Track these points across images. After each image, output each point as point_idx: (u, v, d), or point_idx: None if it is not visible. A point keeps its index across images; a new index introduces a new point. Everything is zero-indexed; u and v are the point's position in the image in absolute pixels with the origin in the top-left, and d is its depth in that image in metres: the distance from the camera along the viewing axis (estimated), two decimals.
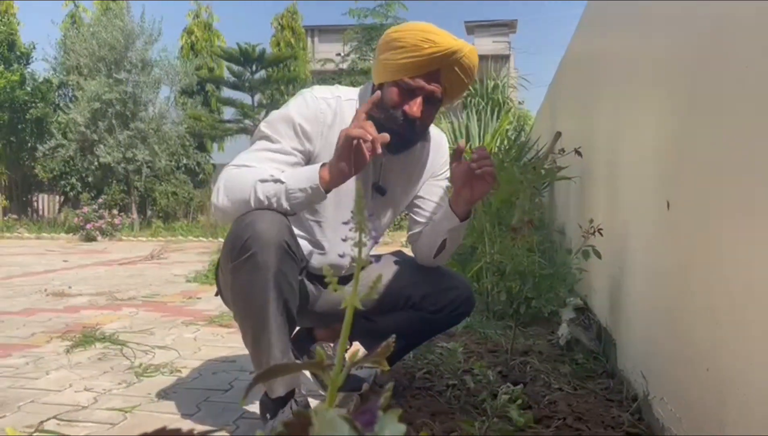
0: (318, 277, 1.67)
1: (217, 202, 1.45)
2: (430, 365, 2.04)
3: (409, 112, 1.48)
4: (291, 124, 1.51)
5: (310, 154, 1.54)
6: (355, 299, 0.40)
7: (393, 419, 0.34)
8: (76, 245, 9.28)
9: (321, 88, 1.61)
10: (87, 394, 1.88)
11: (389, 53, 1.49)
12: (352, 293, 0.41)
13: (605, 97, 2.52)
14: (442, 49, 1.45)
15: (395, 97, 1.49)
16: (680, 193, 1.38)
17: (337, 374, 0.44)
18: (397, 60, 1.47)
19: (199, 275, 4.93)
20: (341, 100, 1.58)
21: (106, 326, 2.92)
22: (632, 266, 1.85)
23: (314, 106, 1.54)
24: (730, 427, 1.04)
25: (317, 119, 1.53)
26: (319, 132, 1.53)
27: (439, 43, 1.45)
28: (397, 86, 1.49)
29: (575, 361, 2.16)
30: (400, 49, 1.47)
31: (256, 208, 1.40)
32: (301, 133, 1.51)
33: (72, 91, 13.05)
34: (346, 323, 0.44)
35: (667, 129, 1.52)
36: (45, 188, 13.81)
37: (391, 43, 1.50)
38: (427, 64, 1.46)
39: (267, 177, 1.39)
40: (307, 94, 1.56)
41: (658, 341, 1.53)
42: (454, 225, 1.59)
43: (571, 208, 3.48)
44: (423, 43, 1.45)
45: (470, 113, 5.71)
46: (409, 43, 1.46)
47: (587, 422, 1.56)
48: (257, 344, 1.41)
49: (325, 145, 1.53)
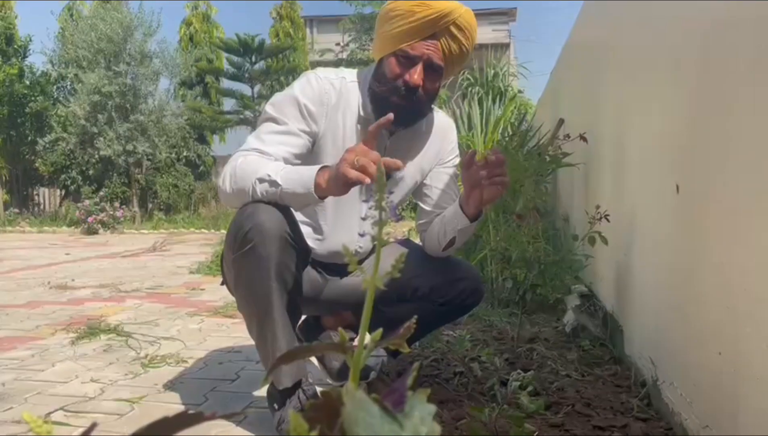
0: (323, 264, 1.66)
1: (222, 186, 1.45)
2: (436, 353, 2.04)
3: (410, 80, 1.46)
4: (296, 104, 1.50)
5: (316, 135, 1.53)
6: (377, 280, 0.39)
7: (422, 399, 0.33)
8: (78, 238, 9.28)
9: (325, 70, 1.60)
10: (93, 385, 1.87)
11: (386, 25, 1.49)
12: (372, 273, 0.40)
13: (610, 82, 2.50)
14: (436, 11, 1.43)
15: (395, 68, 1.48)
16: (690, 177, 1.37)
17: (359, 354, 0.43)
18: (393, 29, 1.47)
19: (202, 266, 4.93)
20: (346, 81, 1.57)
21: (110, 318, 2.92)
22: (639, 252, 1.84)
23: (318, 87, 1.52)
24: (745, 410, 1.03)
25: (321, 100, 1.52)
26: (324, 113, 1.52)
27: (432, 5, 1.44)
28: (395, 56, 1.48)
29: (582, 348, 2.15)
30: (395, 18, 1.47)
31: (255, 200, 1.39)
32: (306, 114, 1.50)
33: (71, 84, 13.02)
34: (368, 305, 0.43)
35: (676, 112, 1.50)
36: (46, 182, 13.82)
37: (386, 15, 1.50)
38: (423, 28, 1.44)
39: (264, 176, 1.37)
40: (311, 76, 1.55)
41: (667, 327, 1.52)
42: (465, 226, 1.57)
43: (576, 195, 3.46)
44: (416, 8, 1.44)
45: (471, 102, 5.68)
46: (403, 9, 1.45)
47: (596, 408, 1.55)
48: (262, 336, 1.41)
49: (329, 126, 1.53)
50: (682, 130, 1.45)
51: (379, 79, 1.51)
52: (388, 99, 1.48)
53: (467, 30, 1.49)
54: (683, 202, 1.41)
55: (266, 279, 1.35)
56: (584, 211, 2.35)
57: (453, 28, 1.46)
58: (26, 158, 13.09)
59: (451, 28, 1.46)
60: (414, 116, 1.56)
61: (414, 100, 1.49)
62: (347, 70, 1.62)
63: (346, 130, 1.55)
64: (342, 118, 1.54)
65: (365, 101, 1.56)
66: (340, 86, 1.55)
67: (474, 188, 1.50)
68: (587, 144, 2.57)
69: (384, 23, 1.50)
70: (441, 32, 1.46)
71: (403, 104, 1.48)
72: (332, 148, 1.54)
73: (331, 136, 1.49)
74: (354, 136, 1.55)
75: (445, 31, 1.46)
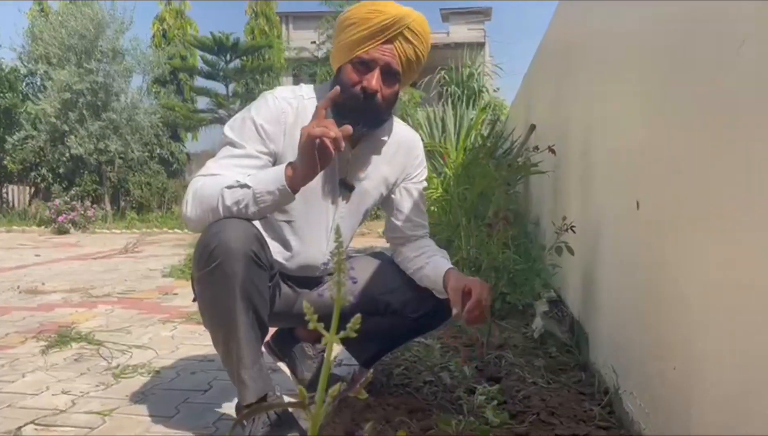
0: (294, 278, 1.68)
1: (187, 212, 1.45)
2: (407, 362, 2.07)
3: (368, 86, 1.49)
4: (253, 126, 1.52)
5: (275, 155, 1.55)
6: (334, 338, 0.42)
7: None
8: (48, 238, 9.14)
9: (283, 89, 1.62)
10: (64, 397, 1.87)
11: (342, 34, 1.53)
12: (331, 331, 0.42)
13: (579, 89, 2.54)
14: (389, 16, 1.47)
15: (352, 75, 1.51)
16: (649, 193, 1.41)
17: (320, 403, 0.45)
18: (349, 37, 1.50)
19: (174, 269, 4.90)
20: (303, 99, 1.59)
21: (81, 325, 2.90)
22: (603, 262, 1.90)
23: (275, 107, 1.54)
24: (696, 426, 1.08)
25: (278, 120, 1.54)
26: (282, 131, 1.54)
27: (385, 11, 1.48)
28: (351, 64, 1.51)
29: (549, 354, 2.20)
30: (350, 26, 1.50)
31: (225, 216, 1.40)
32: (264, 134, 1.52)
33: (41, 80, 12.79)
34: (325, 366, 0.45)
35: (637, 127, 1.55)
36: (15, 180, 13.55)
37: (342, 24, 1.53)
38: (377, 33, 1.48)
39: (233, 183, 1.39)
40: (268, 96, 1.58)
41: (628, 336, 1.58)
42: (442, 297, 1.62)
43: (546, 201, 3.52)
44: (370, 15, 1.48)
45: (445, 104, 5.73)
46: (358, 17, 1.49)
47: (560, 416, 1.60)
48: (227, 354, 1.42)
49: (289, 143, 1.54)
50: (642, 146, 1.49)
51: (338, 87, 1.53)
52: (347, 106, 1.48)
53: (421, 35, 1.52)
54: (643, 217, 1.46)
55: (231, 298, 1.36)
56: (552, 221, 2.40)
57: (407, 32, 1.50)
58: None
59: (404, 32, 1.49)
60: (374, 121, 1.58)
61: (373, 105, 1.51)
62: (305, 87, 1.64)
63: None
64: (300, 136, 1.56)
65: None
66: (297, 105, 1.57)
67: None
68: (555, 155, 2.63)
69: (340, 32, 1.54)
70: (395, 37, 1.49)
71: (363, 110, 1.50)
72: None
73: (291, 154, 1.50)
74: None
75: (399, 35, 1.49)
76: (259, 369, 1.43)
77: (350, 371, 1.98)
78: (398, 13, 1.48)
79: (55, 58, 11.95)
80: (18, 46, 13.11)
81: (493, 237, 2.53)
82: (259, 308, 1.42)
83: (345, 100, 1.47)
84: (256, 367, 1.42)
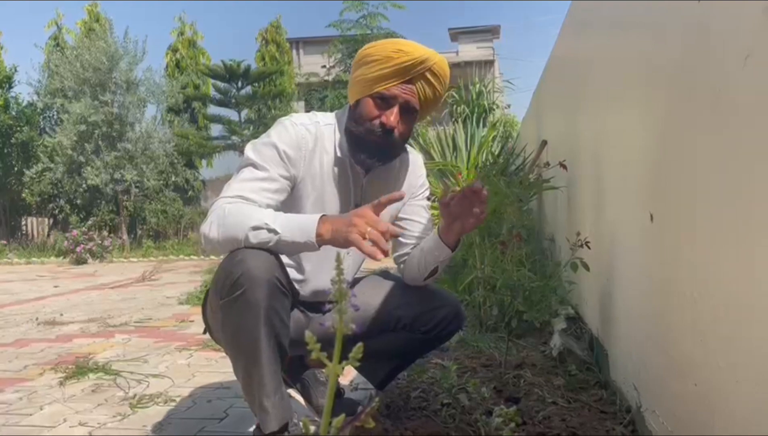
0: (306, 303, 1.68)
1: (208, 234, 1.43)
2: (424, 384, 2.05)
3: (386, 122, 1.52)
4: (275, 150, 1.53)
5: (295, 180, 1.57)
6: (337, 368, 0.41)
7: None
8: (66, 268, 9.22)
9: (299, 115, 1.64)
10: (82, 429, 1.87)
11: (363, 68, 1.55)
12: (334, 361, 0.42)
13: (589, 104, 2.54)
14: (412, 58, 1.50)
15: (372, 109, 1.53)
16: (664, 206, 1.40)
17: (325, 429, 0.45)
18: (370, 73, 1.52)
19: (191, 296, 4.91)
20: (320, 125, 1.61)
21: (99, 356, 2.91)
22: (620, 278, 1.87)
23: (295, 132, 1.56)
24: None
25: (299, 145, 1.56)
26: (302, 157, 1.56)
27: (409, 52, 1.51)
28: (372, 99, 1.53)
29: (568, 372, 2.17)
30: (373, 62, 1.52)
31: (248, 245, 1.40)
32: (286, 159, 1.53)
33: (57, 114, 13.00)
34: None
35: (649, 140, 1.53)
36: (33, 212, 13.72)
37: (364, 59, 1.56)
38: (400, 73, 1.51)
39: (261, 224, 1.37)
40: (287, 122, 1.59)
41: (648, 354, 1.54)
42: (446, 256, 1.61)
43: (560, 217, 3.50)
44: (394, 54, 1.50)
45: (456, 123, 5.74)
46: (381, 55, 1.52)
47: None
48: (249, 382, 1.41)
49: (308, 170, 1.57)
50: (655, 159, 1.48)
51: (356, 119, 1.55)
52: (364, 139, 1.53)
53: (441, 77, 1.56)
54: (658, 231, 1.44)
55: (256, 326, 1.36)
56: (567, 237, 2.38)
57: (428, 74, 1.53)
58: (13, 189, 13.01)
59: (426, 74, 1.53)
60: (389, 156, 1.62)
61: (390, 141, 1.54)
62: (320, 114, 1.66)
63: (324, 173, 1.59)
64: (319, 162, 1.58)
65: (342, 141, 1.59)
66: (315, 131, 1.59)
67: (453, 221, 1.54)
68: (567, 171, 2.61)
69: (360, 66, 1.56)
70: (417, 78, 1.53)
71: (379, 144, 1.53)
72: (311, 192, 1.58)
73: (310, 181, 1.52)
74: (331, 178, 1.60)
75: (420, 77, 1.53)
76: (281, 397, 1.42)
77: (366, 394, 1.96)
78: (422, 56, 1.51)
79: (71, 92, 12.14)
80: (34, 80, 13.36)
81: (507, 255, 2.51)
82: (281, 335, 1.41)
83: (363, 133, 1.52)
84: (278, 395, 1.41)
